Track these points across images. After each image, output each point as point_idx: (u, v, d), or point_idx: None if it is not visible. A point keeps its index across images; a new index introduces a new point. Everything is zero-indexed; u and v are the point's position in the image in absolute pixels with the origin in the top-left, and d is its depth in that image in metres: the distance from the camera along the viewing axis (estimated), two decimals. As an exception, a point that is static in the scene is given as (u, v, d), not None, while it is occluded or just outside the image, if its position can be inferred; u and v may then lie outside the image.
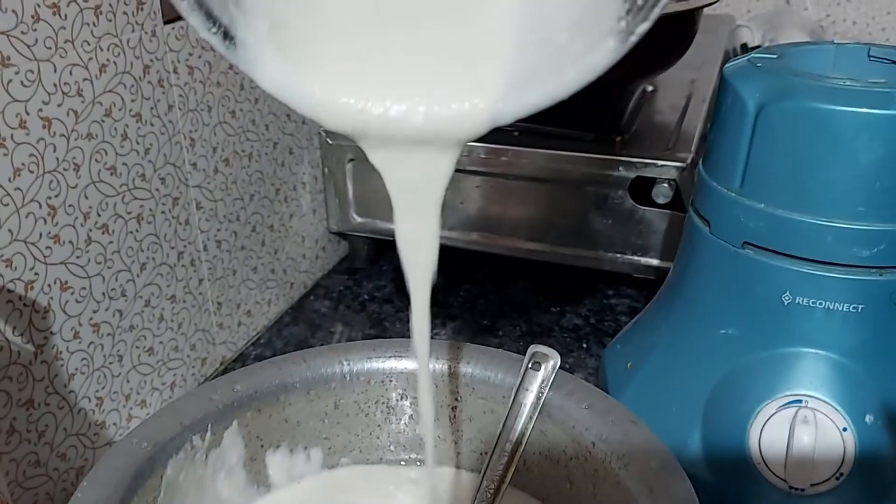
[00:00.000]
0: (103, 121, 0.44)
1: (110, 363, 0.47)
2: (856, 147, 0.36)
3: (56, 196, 0.42)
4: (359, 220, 0.68)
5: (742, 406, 0.40)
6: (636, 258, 0.60)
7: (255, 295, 0.60)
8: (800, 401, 0.38)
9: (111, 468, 0.32)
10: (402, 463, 0.42)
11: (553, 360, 0.38)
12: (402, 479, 0.41)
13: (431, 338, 0.32)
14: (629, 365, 0.46)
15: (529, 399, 0.37)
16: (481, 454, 0.41)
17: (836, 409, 0.38)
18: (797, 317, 0.38)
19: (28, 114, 0.40)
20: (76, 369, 0.45)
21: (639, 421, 0.35)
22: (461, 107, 0.24)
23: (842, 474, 0.37)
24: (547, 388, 0.37)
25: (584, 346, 0.59)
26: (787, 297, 0.38)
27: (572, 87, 0.24)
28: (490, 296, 0.66)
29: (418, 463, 0.42)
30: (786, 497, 0.38)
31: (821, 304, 0.38)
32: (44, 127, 0.41)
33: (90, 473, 0.32)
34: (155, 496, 0.33)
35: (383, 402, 0.41)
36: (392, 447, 0.42)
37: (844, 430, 0.37)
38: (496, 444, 0.38)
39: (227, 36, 0.24)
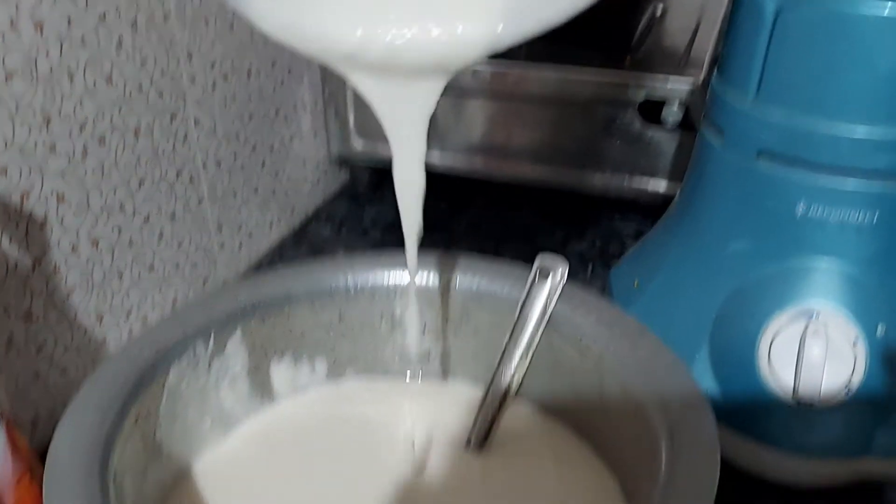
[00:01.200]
0: (98, 28, 0.43)
1: (110, 280, 0.47)
2: (876, 52, 0.35)
3: (51, 104, 0.41)
4: (360, 144, 0.66)
5: (751, 320, 0.39)
6: (644, 182, 0.59)
7: (256, 217, 0.60)
8: (811, 313, 0.37)
9: (113, 373, 0.31)
10: (408, 375, 0.42)
11: (561, 269, 0.37)
12: (408, 390, 0.41)
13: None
14: (636, 283, 0.46)
15: (536, 310, 0.37)
16: (487, 368, 0.41)
17: (847, 321, 0.37)
18: (810, 228, 0.37)
19: (19, 15, 0.38)
20: (75, 284, 0.44)
21: (647, 331, 0.34)
22: (457, 33, 0.24)
23: (851, 387, 0.37)
24: (554, 299, 0.36)
25: (590, 270, 0.58)
26: (800, 209, 0.37)
27: (568, 12, 0.24)
28: (494, 222, 0.66)
29: (423, 375, 0.42)
30: (794, 411, 0.38)
31: (835, 214, 0.37)
32: (36, 30, 0.39)
33: (91, 377, 0.31)
34: (157, 403, 0.33)
35: (388, 316, 0.40)
36: (397, 360, 0.41)
37: (855, 342, 0.37)
38: (502, 357, 0.38)
39: None
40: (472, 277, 0.39)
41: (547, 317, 0.37)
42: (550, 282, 0.37)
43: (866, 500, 0.41)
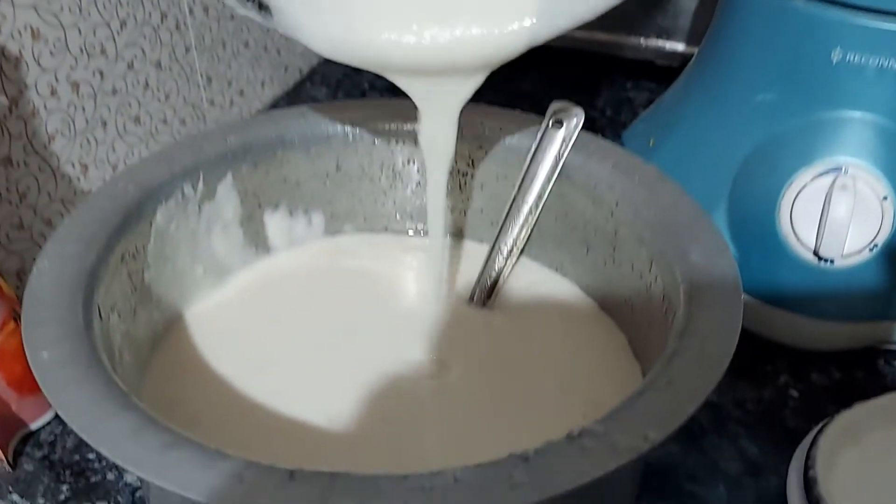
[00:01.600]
0: None
1: (93, 128, 0.44)
2: None
3: (18, -74, 0.37)
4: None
5: (775, 176, 0.37)
6: (661, 43, 0.55)
7: (246, 73, 0.56)
8: (839, 168, 0.35)
9: (95, 209, 0.29)
10: (409, 233, 0.40)
11: (576, 116, 0.34)
12: (410, 246, 0.39)
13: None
14: (651, 142, 0.43)
15: (548, 159, 0.35)
16: (492, 223, 0.39)
17: (877, 177, 0.35)
18: (845, 76, 0.35)
19: None
20: (56, 130, 0.41)
21: (667, 178, 0.32)
22: (497, 33, 0.25)
23: (876, 245, 0.35)
24: (568, 146, 0.34)
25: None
26: (836, 54, 0.35)
27: (601, 8, 0.26)
28: (500, 88, 0.62)
29: (425, 233, 0.40)
30: (814, 269, 0.36)
31: (873, 60, 0.34)
32: None
33: (72, 213, 0.29)
34: (144, 243, 0.31)
35: (389, 167, 0.38)
36: (398, 216, 0.40)
37: (885, 198, 0.35)
38: (509, 210, 0.36)
39: (261, 7, 0.26)
40: (479, 126, 0.36)
41: (560, 166, 0.34)
42: (565, 129, 0.34)
43: (882, 365, 0.40)
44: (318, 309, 0.35)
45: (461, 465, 0.27)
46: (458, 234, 0.40)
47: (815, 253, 0.36)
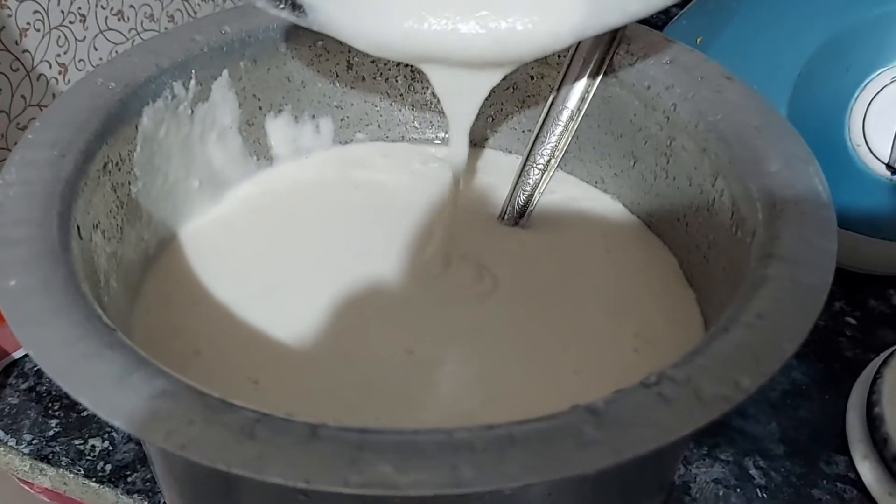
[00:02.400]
0: None
1: (70, 23, 0.39)
2: None
3: None
4: None
5: (845, 78, 0.32)
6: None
7: (242, -36, 0.51)
8: (925, 68, 0.31)
9: (71, 109, 0.25)
10: (429, 142, 0.35)
11: (628, 5, 0.30)
12: (430, 157, 0.35)
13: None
14: (699, 40, 0.39)
15: (593, 56, 0.30)
16: (524, 131, 0.34)
17: (969, 78, 0.31)
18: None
19: None
20: (28, 24, 0.37)
21: (735, 78, 0.28)
22: (543, 28, 0.24)
23: (961, 159, 0.31)
24: (617, 41, 0.30)
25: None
26: (931, -68, 0.30)
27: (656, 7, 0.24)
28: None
29: (443, 142, 0.35)
30: (884, 184, 0.32)
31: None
32: None
33: (44, 114, 0.25)
34: (129, 150, 0.27)
35: (406, 65, 0.33)
36: (416, 123, 0.35)
37: (976, 103, 0.31)
38: (546, 116, 0.31)
39: (294, 6, 0.25)
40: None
41: (606, 63, 0.30)
42: (612, 20, 0.30)
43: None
44: (326, 226, 0.31)
45: (502, 409, 0.24)
46: (483, 142, 0.35)
47: (889, 166, 0.32)
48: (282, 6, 0.25)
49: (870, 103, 0.32)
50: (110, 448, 0.31)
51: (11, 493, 0.37)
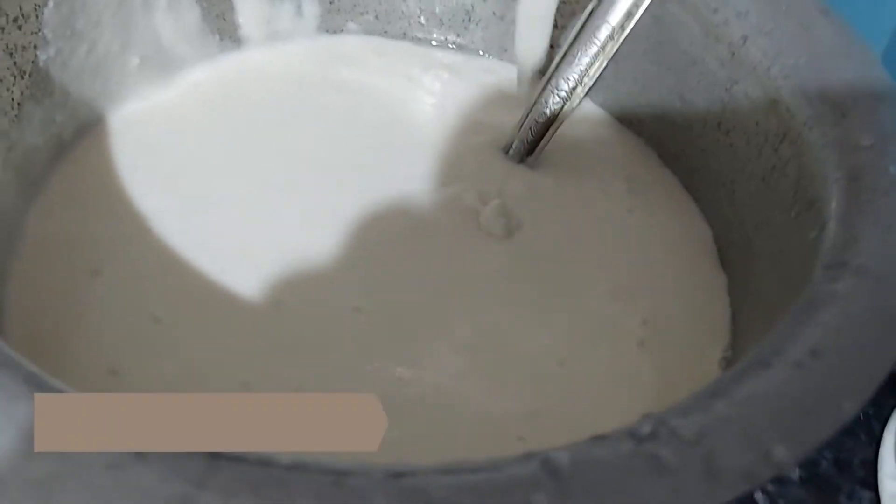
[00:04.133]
0: None
1: None
2: None
3: None
4: None
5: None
6: None
7: None
8: None
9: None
10: (434, 43, 0.29)
11: None
12: (434, 63, 0.28)
13: None
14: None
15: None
16: (551, 47, 0.28)
17: None
18: None
19: None
20: None
21: (831, 12, 0.21)
22: None
23: None
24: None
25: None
26: None
27: None
28: None
29: (457, 48, 0.29)
30: None
31: None
32: None
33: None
34: (36, 3, 0.21)
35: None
36: (423, 19, 0.29)
37: None
38: (580, 31, 0.25)
39: None
40: None
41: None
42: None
43: None
44: (292, 132, 0.25)
45: (472, 405, 0.19)
46: (501, 53, 0.29)
47: None
48: None
49: None
50: None
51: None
